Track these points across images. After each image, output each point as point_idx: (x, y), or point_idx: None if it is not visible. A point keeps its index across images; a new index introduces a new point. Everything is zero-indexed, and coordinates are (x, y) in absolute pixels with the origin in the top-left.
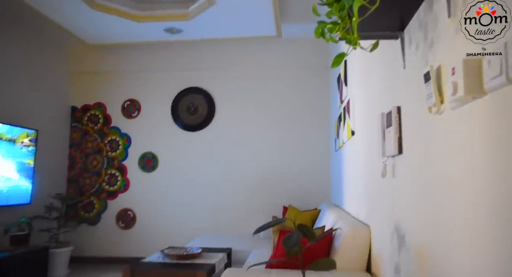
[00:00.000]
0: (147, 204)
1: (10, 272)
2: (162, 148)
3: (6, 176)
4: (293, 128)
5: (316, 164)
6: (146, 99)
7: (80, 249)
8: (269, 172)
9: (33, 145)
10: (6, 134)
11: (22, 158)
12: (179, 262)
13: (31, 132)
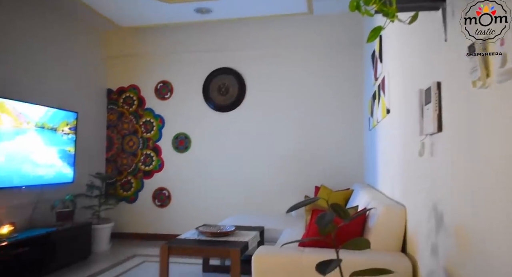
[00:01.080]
0: (181, 183)
1: (58, 245)
2: (194, 129)
3: (50, 163)
4: (326, 107)
5: (349, 144)
6: (178, 81)
7: (120, 225)
8: (301, 152)
9: (72, 133)
10: (48, 123)
11: (64, 145)
12: (213, 239)
13: (71, 120)
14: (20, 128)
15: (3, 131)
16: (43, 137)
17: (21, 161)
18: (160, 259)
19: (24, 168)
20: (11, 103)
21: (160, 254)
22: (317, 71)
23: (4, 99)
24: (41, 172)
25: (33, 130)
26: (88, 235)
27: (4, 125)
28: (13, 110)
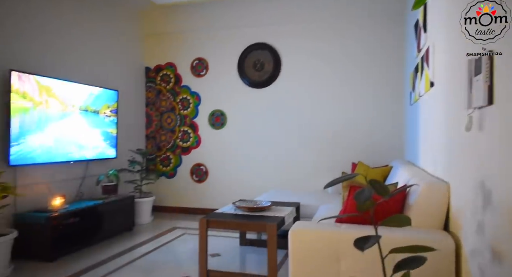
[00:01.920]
0: (218, 160)
1: (105, 217)
2: (230, 106)
3: (94, 145)
4: (363, 82)
5: (388, 119)
6: (213, 57)
7: (160, 199)
8: (338, 128)
9: (114, 115)
10: (91, 106)
11: (106, 127)
12: (250, 214)
13: (111, 103)
14: (66, 111)
15: (51, 114)
16: (87, 119)
17: (67, 142)
18: (199, 231)
19: (71, 149)
20: (57, 87)
21: (199, 227)
22: (355, 44)
23: (52, 79)
24: (86, 154)
25: (78, 113)
26: (132, 208)
27: (52, 109)
28: (59, 94)
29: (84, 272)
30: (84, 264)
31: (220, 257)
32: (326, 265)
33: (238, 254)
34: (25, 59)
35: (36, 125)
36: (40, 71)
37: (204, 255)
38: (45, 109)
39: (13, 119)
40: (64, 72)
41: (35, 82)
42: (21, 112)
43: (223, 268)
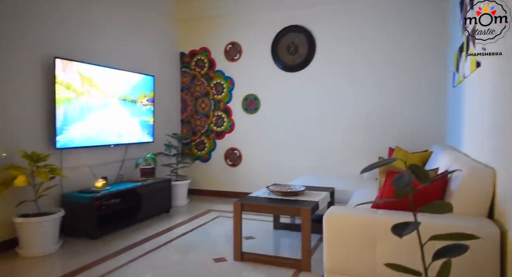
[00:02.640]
0: (251, 144)
1: (143, 198)
2: (263, 90)
3: (132, 133)
4: (403, 63)
5: (428, 102)
6: (246, 41)
7: (195, 182)
8: (373, 112)
9: (150, 104)
10: (129, 96)
11: (144, 116)
12: (284, 198)
13: (148, 93)
14: (106, 101)
15: (92, 104)
16: (126, 108)
17: (107, 131)
18: (233, 214)
19: (110, 136)
20: (97, 78)
21: (234, 210)
22: (393, 24)
23: (92, 65)
24: (125, 138)
25: (117, 102)
26: (168, 191)
27: (93, 99)
28: (100, 84)
29: (125, 250)
30: (126, 242)
31: (254, 240)
32: (362, 250)
33: (271, 238)
34: (67, 48)
35: (78, 114)
36: (81, 59)
37: (239, 237)
38: (87, 99)
39: (58, 109)
40: (103, 60)
41: (77, 74)
42: (65, 102)
43: (257, 250)
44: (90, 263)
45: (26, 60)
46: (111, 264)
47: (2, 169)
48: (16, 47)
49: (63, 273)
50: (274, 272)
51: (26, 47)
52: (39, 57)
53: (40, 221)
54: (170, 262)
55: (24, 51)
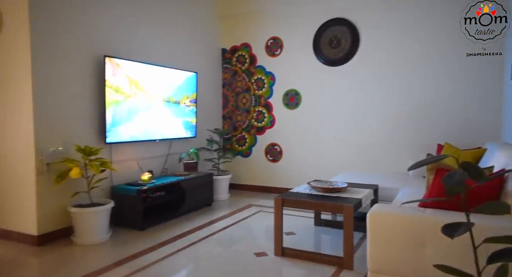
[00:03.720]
0: (292, 139)
1: (187, 192)
2: (304, 85)
3: (176, 133)
4: (453, 55)
5: (481, 96)
6: (287, 36)
7: (236, 177)
8: (420, 106)
9: (193, 105)
10: (173, 97)
11: (187, 117)
12: (325, 194)
13: (190, 94)
14: (151, 102)
15: (139, 106)
16: (170, 110)
17: (153, 131)
18: (274, 210)
19: (155, 135)
20: (144, 81)
21: (274, 205)
22: (443, 14)
23: (139, 63)
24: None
25: (162, 104)
26: (210, 185)
27: (140, 101)
28: (146, 87)
29: (170, 242)
30: (170, 234)
31: (294, 235)
32: (408, 250)
33: (312, 234)
34: (115, 47)
35: (126, 115)
36: (128, 57)
37: (280, 232)
38: (134, 101)
39: (107, 109)
40: (149, 58)
41: (126, 77)
42: (114, 104)
43: (297, 246)
44: (137, 253)
45: (79, 60)
46: (157, 254)
47: (59, 162)
48: (70, 49)
49: (114, 261)
50: (315, 268)
51: (80, 48)
52: (91, 57)
53: (92, 211)
54: (212, 254)
55: (78, 52)
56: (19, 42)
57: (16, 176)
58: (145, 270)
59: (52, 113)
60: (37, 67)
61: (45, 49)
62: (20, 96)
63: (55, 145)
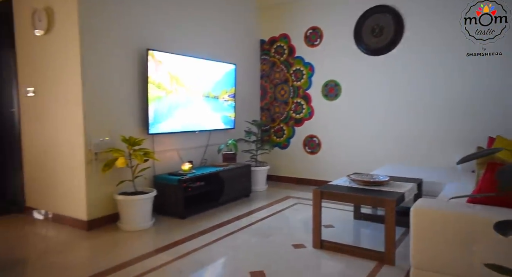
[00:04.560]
0: (331, 131)
1: (226, 182)
2: (344, 75)
3: (215, 127)
4: (507, 39)
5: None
6: (327, 25)
7: (274, 169)
8: (470, 97)
9: (232, 100)
10: (212, 92)
11: (225, 111)
12: (365, 187)
13: (229, 88)
14: (191, 98)
15: (180, 101)
16: (209, 104)
17: (193, 125)
18: (313, 202)
19: (195, 128)
20: (184, 77)
21: (313, 197)
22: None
23: (179, 55)
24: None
25: (201, 99)
26: (248, 176)
27: (180, 96)
28: (186, 83)
29: (209, 231)
30: (209, 223)
31: (333, 228)
32: (455, 247)
33: (351, 228)
34: (156, 41)
35: (167, 109)
36: (169, 50)
37: (318, 225)
38: (175, 97)
39: (150, 105)
40: (188, 51)
41: (167, 73)
42: (156, 100)
43: (336, 239)
44: (178, 240)
45: (124, 55)
46: (197, 242)
47: (106, 151)
48: (115, 44)
49: (156, 247)
50: (354, 262)
51: (124, 43)
52: (134, 51)
53: (136, 199)
54: (250, 244)
55: (122, 47)
56: (69, 38)
57: (68, 164)
58: (186, 257)
59: (99, 105)
60: (85, 62)
61: (92, 45)
62: (71, 90)
63: (102, 135)
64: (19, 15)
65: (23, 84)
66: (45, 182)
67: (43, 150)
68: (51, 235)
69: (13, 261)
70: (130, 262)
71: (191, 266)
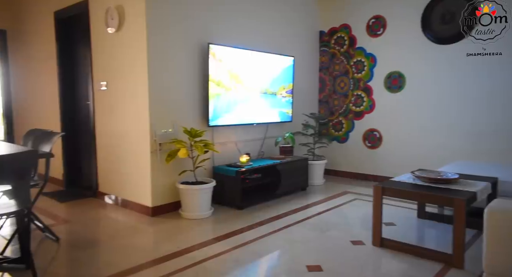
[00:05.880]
0: (393, 125)
1: (282, 175)
2: (409, 66)
3: (272, 121)
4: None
5: None
6: (392, 13)
7: (332, 163)
8: None
9: (289, 96)
10: (270, 89)
11: (283, 108)
12: (432, 185)
13: (287, 85)
14: (249, 94)
15: (238, 98)
16: (266, 101)
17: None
18: (373, 198)
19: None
20: (243, 75)
21: (374, 194)
22: None
23: (238, 49)
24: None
25: (259, 96)
26: (305, 169)
27: (239, 93)
28: (245, 80)
29: (266, 222)
30: (266, 215)
31: (394, 226)
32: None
33: (415, 227)
34: (216, 35)
35: (226, 106)
36: (229, 44)
37: (379, 222)
38: (233, 94)
39: (210, 101)
40: (247, 44)
41: (226, 67)
42: (216, 97)
43: (398, 238)
44: (236, 230)
45: (185, 50)
46: (254, 233)
47: (169, 142)
48: (178, 39)
49: (215, 236)
50: (417, 263)
51: (186, 38)
52: (196, 45)
53: (197, 189)
54: (306, 238)
55: (184, 42)
56: (137, 35)
57: (135, 154)
58: (243, 247)
59: (163, 98)
60: (151, 57)
61: (157, 41)
62: (138, 84)
63: (166, 127)
64: (95, 14)
65: (97, 79)
66: (115, 170)
67: (113, 140)
68: (120, 219)
69: (88, 240)
70: (191, 248)
71: (248, 256)
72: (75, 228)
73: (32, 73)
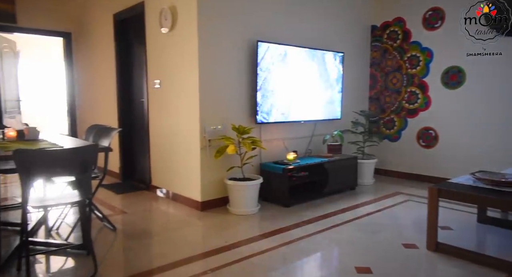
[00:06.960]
0: (451, 124)
1: (330, 174)
2: (470, 60)
3: (321, 118)
4: None
5: None
6: (452, 4)
7: (382, 162)
8: None
9: (338, 93)
10: (318, 86)
11: (331, 105)
12: (495, 188)
13: (336, 81)
14: (297, 92)
15: (286, 95)
16: (314, 98)
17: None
18: (428, 200)
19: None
20: (291, 69)
21: (429, 195)
22: None
23: (287, 46)
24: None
25: (307, 93)
26: (354, 168)
27: (287, 90)
28: (292, 77)
29: (313, 221)
30: (313, 214)
31: (451, 231)
32: None
33: (474, 232)
34: (265, 32)
35: (274, 103)
36: (278, 41)
37: (434, 225)
38: (281, 91)
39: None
40: (295, 41)
41: (275, 69)
42: (264, 94)
43: (455, 243)
44: (283, 228)
45: (234, 48)
46: (301, 231)
47: (218, 139)
48: (227, 37)
49: (262, 232)
50: (477, 271)
51: (235, 35)
52: (244, 42)
53: (245, 185)
54: (355, 239)
55: (233, 40)
56: (189, 34)
57: (186, 150)
58: (290, 245)
59: (213, 96)
60: (202, 56)
61: (208, 40)
62: (189, 82)
63: (215, 123)
64: (150, 15)
65: (151, 77)
66: (166, 164)
67: (165, 136)
68: (171, 212)
69: (141, 231)
70: (238, 243)
71: (294, 254)
72: (130, 219)
73: (93, 72)
